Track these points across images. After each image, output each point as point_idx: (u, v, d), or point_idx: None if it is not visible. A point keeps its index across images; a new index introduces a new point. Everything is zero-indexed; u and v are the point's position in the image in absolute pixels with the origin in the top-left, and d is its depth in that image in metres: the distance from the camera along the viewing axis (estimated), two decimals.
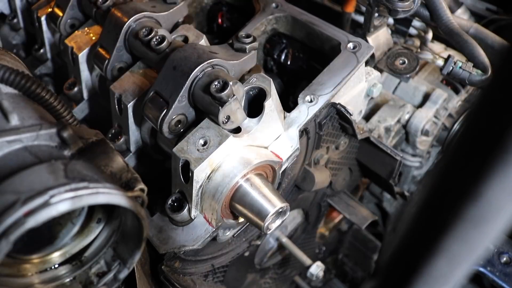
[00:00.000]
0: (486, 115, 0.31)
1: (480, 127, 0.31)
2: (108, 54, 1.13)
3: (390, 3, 1.18)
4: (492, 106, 0.30)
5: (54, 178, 0.67)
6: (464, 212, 0.32)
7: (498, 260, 0.86)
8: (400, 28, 1.47)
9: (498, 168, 0.29)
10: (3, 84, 0.85)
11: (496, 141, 0.29)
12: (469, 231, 0.32)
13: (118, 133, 1.15)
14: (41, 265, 0.85)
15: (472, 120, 0.32)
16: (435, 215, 0.34)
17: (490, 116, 0.30)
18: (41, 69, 1.44)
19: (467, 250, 0.33)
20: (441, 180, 0.34)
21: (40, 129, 0.77)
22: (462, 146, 0.32)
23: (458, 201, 0.32)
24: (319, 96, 1.06)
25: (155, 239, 1.04)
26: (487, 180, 0.30)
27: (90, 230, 0.88)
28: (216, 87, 0.91)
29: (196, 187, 0.94)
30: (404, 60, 1.34)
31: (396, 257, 0.38)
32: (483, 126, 0.31)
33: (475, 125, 0.32)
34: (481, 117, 0.31)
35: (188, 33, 1.15)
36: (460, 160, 0.32)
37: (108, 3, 1.16)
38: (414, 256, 0.35)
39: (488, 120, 0.30)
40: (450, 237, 0.33)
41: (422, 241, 0.35)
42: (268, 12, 1.25)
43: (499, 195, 0.30)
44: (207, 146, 0.93)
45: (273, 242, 1.48)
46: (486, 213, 0.31)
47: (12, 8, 1.52)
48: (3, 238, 0.62)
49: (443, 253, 0.33)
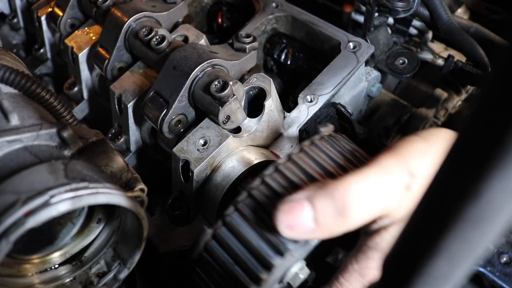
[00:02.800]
0: (486, 114, 0.31)
1: (480, 126, 0.31)
2: (108, 54, 1.13)
3: (390, 3, 1.18)
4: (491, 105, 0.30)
5: (54, 178, 0.67)
6: (464, 212, 0.32)
7: (498, 260, 0.86)
8: (400, 28, 1.47)
9: (498, 168, 0.29)
10: (3, 84, 0.85)
11: (496, 140, 0.29)
12: (469, 231, 0.32)
13: (118, 133, 1.15)
14: (41, 265, 0.85)
15: (472, 120, 0.32)
16: (435, 215, 0.34)
17: (490, 116, 0.30)
18: (41, 68, 1.44)
19: (467, 250, 0.33)
20: (441, 180, 0.34)
21: (40, 129, 0.77)
22: (462, 146, 0.32)
23: (458, 201, 0.32)
24: (319, 96, 1.06)
25: (155, 239, 1.04)
26: (487, 180, 0.30)
27: (90, 230, 0.88)
28: (216, 87, 0.91)
29: (196, 187, 0.94)
30: (404, 60, 1.34)
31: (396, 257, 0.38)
32: (483, 125, 0.31)
33: (474, 124, 0.32)
34: (481, 116, 0.31)
35: (188, 33, 1.15)
36: (460, 160, 0.32)
37: (108, 3, 1.16)
38: (414, 256, 0.35)
39: (487, 119, 0.30)
40: (450, 237, 0.33)
41: (422, 241, 0.35)
42: (268, 12, 1.25)
43: (499, 195, 0.30)
44: (207, 146, 0.93)
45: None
46: (486, 213, 0.31)
47: (12, 8, 1.52)
48: (3, 238, 0.62)
49: (443, 253, 0.33)
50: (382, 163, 0.72)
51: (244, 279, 0.74)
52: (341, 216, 0.67)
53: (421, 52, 1.42)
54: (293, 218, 0.67)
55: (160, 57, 1.04)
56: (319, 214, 0.67)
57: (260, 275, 0.71)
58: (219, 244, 0.77)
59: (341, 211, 0.67)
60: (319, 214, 0.67)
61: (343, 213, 0.67)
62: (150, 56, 1.07)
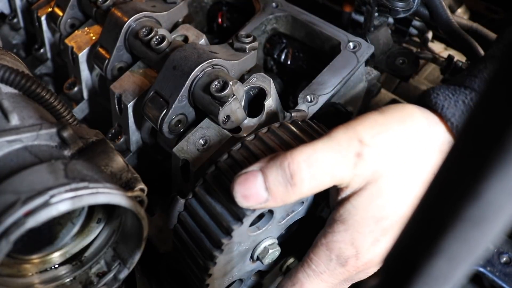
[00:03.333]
0: (486, 114, 0.31)
1: (480, 126, 0.31)
2: (108, 54, 1.13)
3: (390, 3, 1.18)
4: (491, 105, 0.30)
5: (54, 178, 0.67)
6: (464, 212, 0.32)
7: (498, 260, 0.86)
8: (400, 28, 1.47)
9: (498, 168, 0.29)
10: (3, 84, 0.85)
11: (496, 140, 0.29)
12: (469, 231, 0.32)
13: (118, 133, 1.15)
14: (41, 265, 0.85)
15: (471, 120, 0.32)
16: (435, 215, 0.34)
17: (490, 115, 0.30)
18: (41, 68, 1.44)
19: (467, 250, 0.33)
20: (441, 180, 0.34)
21: (40, 129, 0.77)
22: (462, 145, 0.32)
23: (458, 201, 0.32)
24: (319, 96, 1.06)
25: (155, 239, 1.04)
26: (487, 180, 0.30)
27: (90, 230, 0.88)
28: (216, 87, 0.91)
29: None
30: (404, 60, 1.34)
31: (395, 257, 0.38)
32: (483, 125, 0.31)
33: (474, 124, 0.32)
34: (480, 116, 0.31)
35: (188, 33, 1.15)
36: (460, 160, 0.32)
37: (108, 3, 1.16)
38: (414, 256, 0.35)
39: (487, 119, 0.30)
40: (450, 237, 0.33)
41: (422, 241, 0.35)
42: (268, 12, 1.25)
43: (499, 195, 0.30)
44: (207, 146, 0.93)
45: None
46: (486, 213, 0.31)
47: (12, 7, 1.52)
48: (3, 238, 0.62)
49: (443, 253, 0.33)
50: (331, 134, 0.75)
51: (208, 245, 0.79)
52: (290, 184, 0.70)
53: (421, 52, 1.42)
54: (247, 189, 0.71)
55: (160, 57, 1.04)
56: (270, 183, 0.70)
57: (221, 240, 0.77)
58: (189, 214, 0.83)
59: (290, 180, 0.70)
60: (271, 184, 0.70)
61: (292, 181, 0.70)
62: (150, 56, 1.07)
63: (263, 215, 0.83)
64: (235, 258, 0.83)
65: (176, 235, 0.87)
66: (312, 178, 0.71)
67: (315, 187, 0.72)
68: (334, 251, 0.79)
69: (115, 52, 1.12)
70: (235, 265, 0.85)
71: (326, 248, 0.79)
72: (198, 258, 0.82)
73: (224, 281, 0.86)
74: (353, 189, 0.76)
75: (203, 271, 0.81)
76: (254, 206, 0.72)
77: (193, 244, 0.82)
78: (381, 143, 0.75)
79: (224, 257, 0.80)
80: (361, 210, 0.76)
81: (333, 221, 0.79)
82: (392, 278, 0.38)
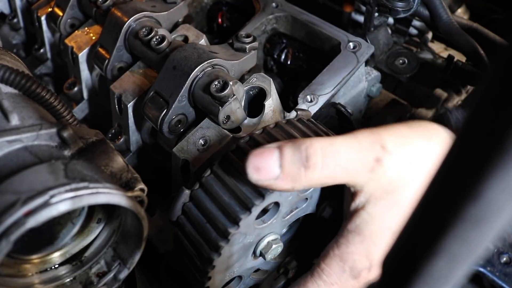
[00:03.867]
0: (485, 114, 0.31)
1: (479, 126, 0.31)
2: (108, 54, 1.13)
3: (390, 3, 1.18)
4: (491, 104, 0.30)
5: (54, 178, 0.67)
6: (464, 212, 0.32)
7: (498, 260, 0.86)
8: (400, 28, 1.47)
9: (498, 168, 0.29)
10: (3, 84, 0.85)
11: (496, 140, 0.29)
12: (469, 231, 0.32)
13: (118, 133, 1.15)
14: (41, 265, 0.85)
15: (471, 119, 0.32)
16: (435, 215, 0.34)
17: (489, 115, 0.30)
18: (41, 68, 1.44)
19: (467, 250, 0.33)
20: (441, 180, 0.34)
21: (40, 129, 0.77)
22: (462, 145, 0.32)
23: (458, 201, 0.32)
24: (319, 96, 1.06)
25: (155, 239, 1.04)
26: (487, 180, 0.30)
27: (90, 230, 0.88)
28: (216, 87, 0.91)
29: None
30: (404, 60, 1.34)
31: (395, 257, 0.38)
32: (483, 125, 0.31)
33: (474, 124, 0.32)
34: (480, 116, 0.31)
35: (188, 33, 1.15)
36: (460, 160, 0.32)
37: (108, 3, 1.16)
38: (414, 256, 0.35)
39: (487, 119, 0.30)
40: (450, 237, 0.33)
41: (422, 241, 0.35)
42: (268, 12, 1.25)
43: (499, 195, 0.30)
44: (207, 146, 0.93)
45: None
46: (486, 213, 0.31)
47: (12, 7, 1.52)
48: (3, 238, 0.62)
49: (443, 253, 0.33)
50: (355, 133, 0.74)
51: (214, 235, 0.79)
52: (304, 166, 0.70)
53: (421, 52, 1.42)
54: (261, 161, 0.70)
55: (160, 57, 1.04)
56: (285, 161, 0.70)
57: (228, 229, 0.77)
58: (195, 204, 0.83)
59: (304, 162, 0.70)
60: (285, 161, 0.70)
61: (306, 163, 0.70)
62: (150, 56, 1.07)
63: (267, 210, 0.83)
64: (239, 251, 0.83)
65: (179, 227, 0.86)
66: (325, 166, 0.70)
67: (326, 177, 0.72)
68: (348, 263, 0.77)
69: (115, 52, 1.12)
70: (238, 260, 0.85)
71: (340, 259, 0.78)
72: (202, 249, 0.82)
73: (225, 275, 0.86)
74: (368, 195, 0.75)
75: (206, 263, 0.81)
76: (263, 181, 0.71)
77: (198, 235, 0.82)
78: (404, 154, 0.74)
79: (229, 248, 0.80)
80: (378, 220, 0.75)
81: (347, 231, 0.77)
82: (392, 278, 0.38)
